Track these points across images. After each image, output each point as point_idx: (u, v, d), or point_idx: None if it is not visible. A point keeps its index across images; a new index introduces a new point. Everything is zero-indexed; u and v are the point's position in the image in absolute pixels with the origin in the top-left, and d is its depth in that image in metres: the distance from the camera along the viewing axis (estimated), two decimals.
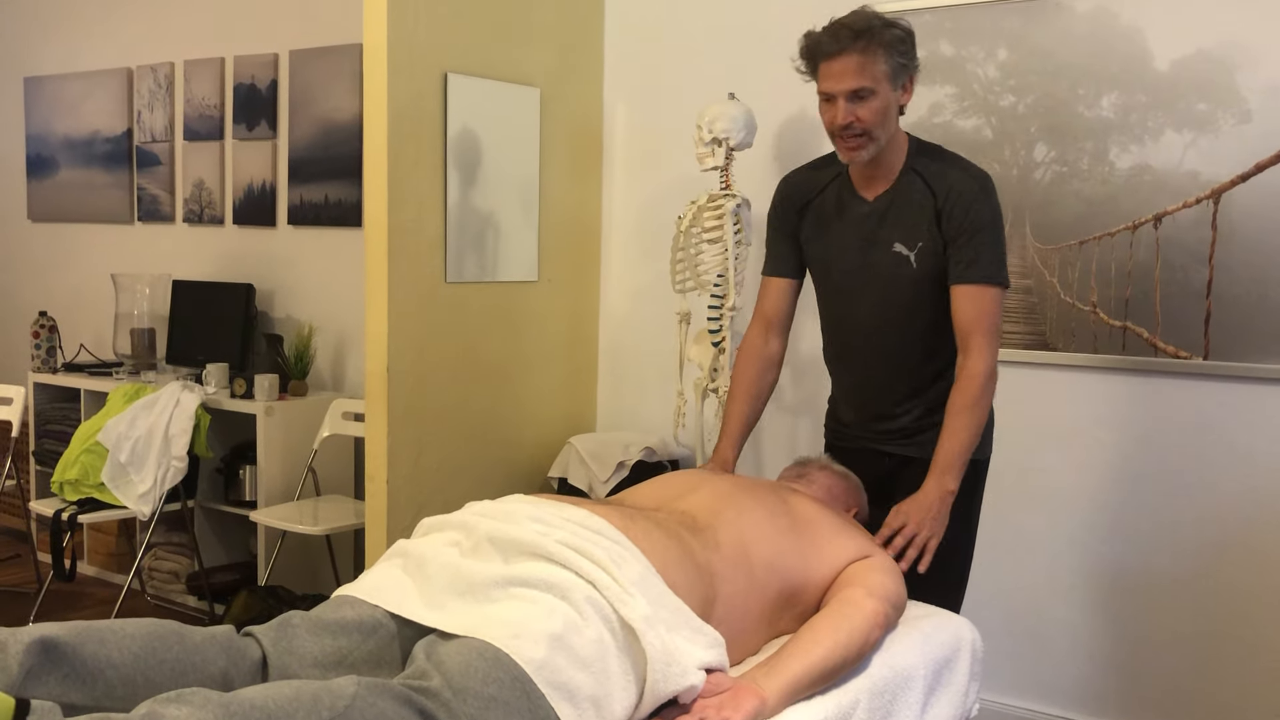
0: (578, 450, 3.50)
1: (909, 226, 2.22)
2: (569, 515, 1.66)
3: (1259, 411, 2.73)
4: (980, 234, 2.16)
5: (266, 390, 3.91)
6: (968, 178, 2.20)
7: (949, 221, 2.17)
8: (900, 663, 1.82)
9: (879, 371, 2.34)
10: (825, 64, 2.12)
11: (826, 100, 2.16)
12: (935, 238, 2.20)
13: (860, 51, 2.08)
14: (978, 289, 2.16)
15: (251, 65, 4.35)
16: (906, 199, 2.23)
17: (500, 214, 3.41)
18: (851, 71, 2.09)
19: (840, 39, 2.09)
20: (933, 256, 2.21)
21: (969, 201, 2.17)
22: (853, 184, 2.32)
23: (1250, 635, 2.78)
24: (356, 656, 1.53)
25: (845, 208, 2.32)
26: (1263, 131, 2.67)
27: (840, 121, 2.13)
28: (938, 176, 2.21)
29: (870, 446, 2.39)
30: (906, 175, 2.25)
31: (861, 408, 2.40)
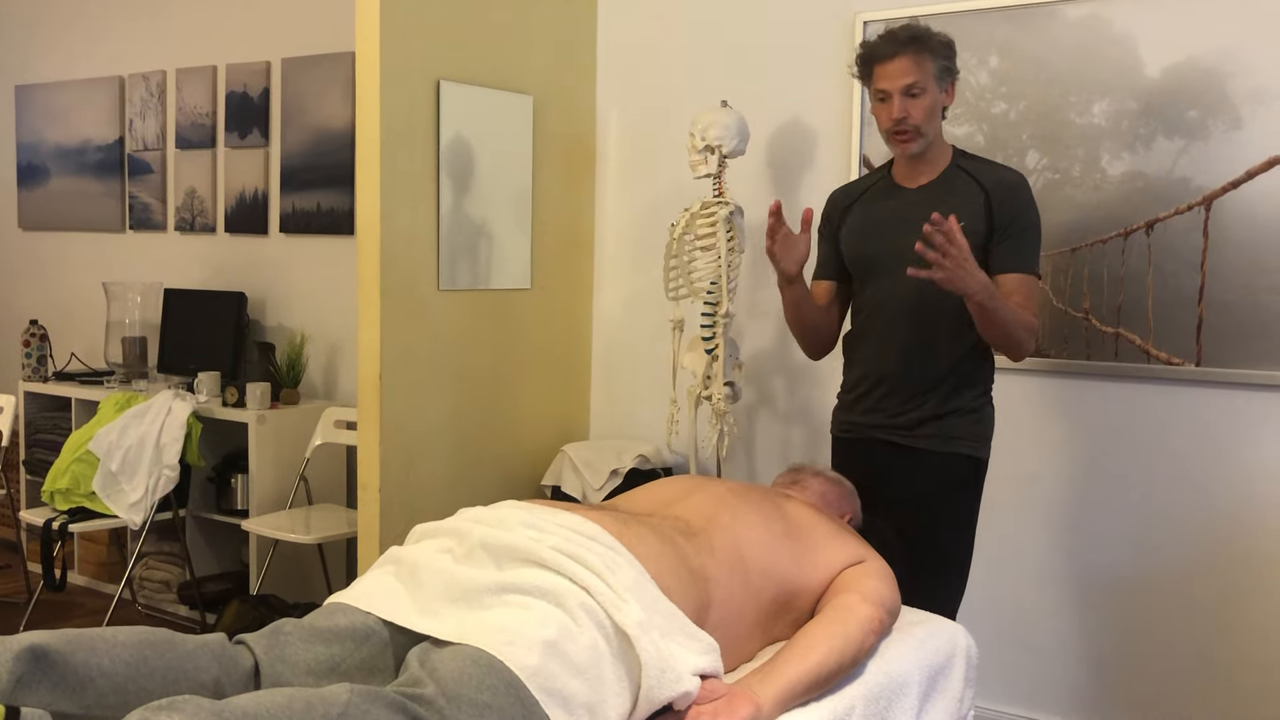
0: (571, 458, 3.49)
1: (954, 207, 2.35)
2: (563, 521, 1.65)
3: (1251, 418, 2.74)
4: (1031, 229, 2.38)
5: (258, 399, 3.90)
6: (1015, 175, 2.42)
7: (1002, 210, 2.35)
8: (895, 669, 1.81)
9: (902, 353, 2.42)
10: (881, 66, 2.35)
11: (881, 100, 2.37)
12: (981, 220, 2.35)
13: (913, 54, 2.33)
14: (1026, 278, 2.36)
15: (244, 73, 4.35)
16: (951, 187, 2.42)
17: (493, 221, 3.41)
18: (905, 71, 2.33)
19: (895, 43, 2.34)
20: (973, 237, 2.31)
21: (1020, 195, 2.37)
22: (895, 180, 2.50)
23: (1244, 641, 2.78)
24: (349, 664, 1.52)
25: (887, 199, 2.50)
26: (1253, 139, 2.68)
27: (896, 115, 2.34)
28: (983, 173, 2.41)
29: (876, 437, 2.46)
30: (951, 170, 2.44)
31: (877, 395, 2.47)
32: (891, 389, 2.45)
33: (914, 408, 2.42)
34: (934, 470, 2.40)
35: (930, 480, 2.40)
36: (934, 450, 2.40)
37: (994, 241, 2.36)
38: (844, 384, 2.62)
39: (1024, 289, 2.34)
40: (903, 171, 2.49)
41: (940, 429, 2.40)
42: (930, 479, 2.40)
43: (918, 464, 2.40)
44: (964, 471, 2.43)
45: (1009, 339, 2.31)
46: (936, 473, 2.40)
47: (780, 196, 3.41)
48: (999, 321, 2.26)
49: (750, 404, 3.51)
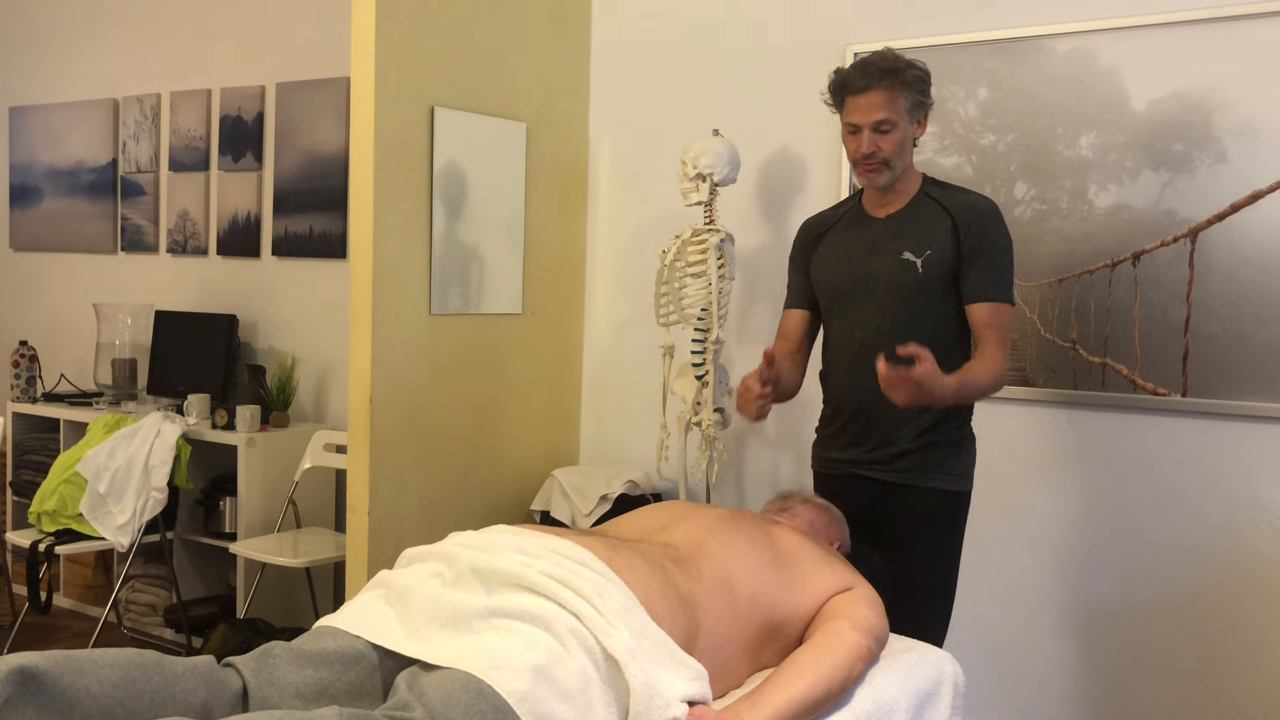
0: (560, 483, 3.49)
1: (920, 236, 2.38)
2: (552, 546, 1.66)
3: (1237, 448, 2.76)
4: (1002, 255, 2.36)
5: (248, 421, 3.89)
6: (982, 200, 2.42)
7: (969, 236, 2.34)
8: (882, 696, 1.82)
9: (874, 387, 2.31)
10: (853, 98, 2.34)
11: (851, 131, 2.36)
12: (948, 248, 2.35)
13: (886, 88, 2.31)
14: (998, 306, 2.35)
15: (238, 97, 4.37)
16: (919, 215, 2.42)
17: (485, 246, 3.42)
18: (877, 105, 2.31)
19: (868, 75, 2.31)
20: (941, 265, 2.34)
21: (988, 220, 2.36)
22: (865, 209, 2.51)
23: (1229, 670, 2.79)
24: (338, 688, 1.52)
25: (857, 229, 2.50)
26: (1238, 172, 2.72)
27: (864, 150, 2.33)
28: (951, 198, 2.42)
29: (857, 473, 2.44)
30: (919, 198, 2.44)
31: (853, 431, 2.45)
32: (866, 424, 2.43)
33: (890, 442, 2.40)
34: (913, 506, 2.39)
35: (909, 516, 2.39)
36: (913, 485, 2.39)
37: (963, 268, 2.35)
38: (821, 417, 2.61)
39: (995, 319, 2.34)
40: (872, 201, 2.49)
41: (918, 463, 2.39)
42: (909, 514, 2.39)
43: (897, 499, 2.39)
44: (943, 507, 2.40)
45: (986, 394, 2.35)
46: (915, 508, 2.39)
47: (771, 224, 3.44)
48: (976, 395, 2.31)
49: (740, 430, 3.52)
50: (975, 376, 2.27)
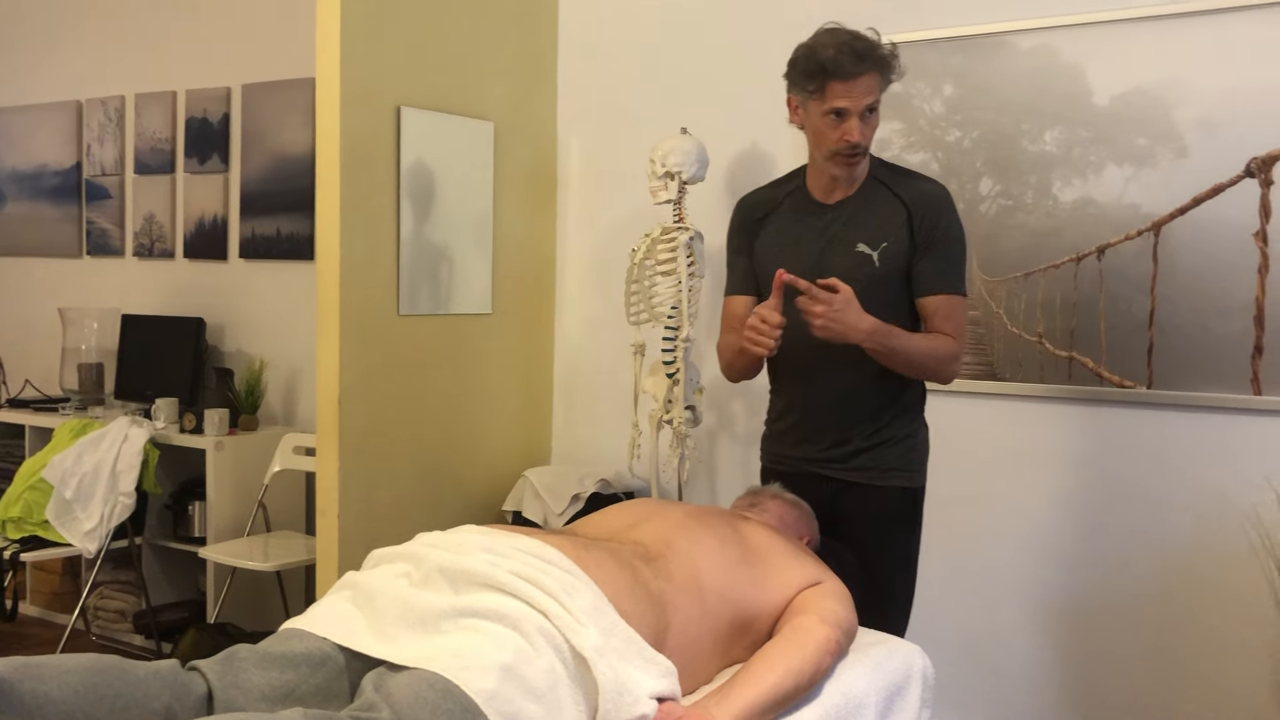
0: (532, 483, 3.49)
1: (874, 227, 2.28)
2: (521, 545, 1.66)
3: (1201, 439, 2.79)
4: (954, 246, 2.29)
5: (216, 425, 3.87)
6: (934, 186, 2.33)
7: (923, 226, 2.26)
8: (852, 690, 1.82)
9: (826, 387, 2.33)
10: (844, 83, 2.18)
11: (836, 116, 2.21)
12: (903, 239, 2.27)
13: (879, 72, 2.21)
14: (951, 298, 2.28)
15: (204, 99, 4.34)
16: (871, 202, 2.31)
17: (454, 246, 3.41)
18: (870, 90, 2.20)
19: (859, 59, 2.18)
20: (897, 257, 2.26)
21: (939, 207, 2.29)
22: (810, 193, 2.37)
23: (1198, 659, 2.81)
24: (304, 690, 1.51)
25: (804, 214, 2.37)
26: (1199, 166, 2.75)
27: (856, 138, 2.20)
28: (904, 185, 2.31)
29: (811, 471, 2.38)
30: (869, 183, 2.32)
31: (806, 424, 2.38)
32: (820, 421, 2.36)
33: (845, 440, 2.34)
34: (869, 505, 2.33)
35: (869, 515, 2.33)
36: (869, 484, 2.33)
37: (915, 259, 2.27)
38: (771, 410, 2.52)
39: (948, 310, 2.27)
40: (820, 184, 2.35)
41: (873, 460, 2.33)
42: (869, 513, 2.33)
43: (853, 498, 2.33)
44: (900, 505, 2.36)
45: (921, 371, 2.28)
46: (872, 507, 2.34)
47: None
48: (902, 359, 2.22)
49: (711, 428, 3.53)
50: (907, 334, 2.21)
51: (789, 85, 2.30)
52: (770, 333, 2.15)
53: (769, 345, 2.16)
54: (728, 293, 2.51)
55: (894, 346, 2.19)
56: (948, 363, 2.26)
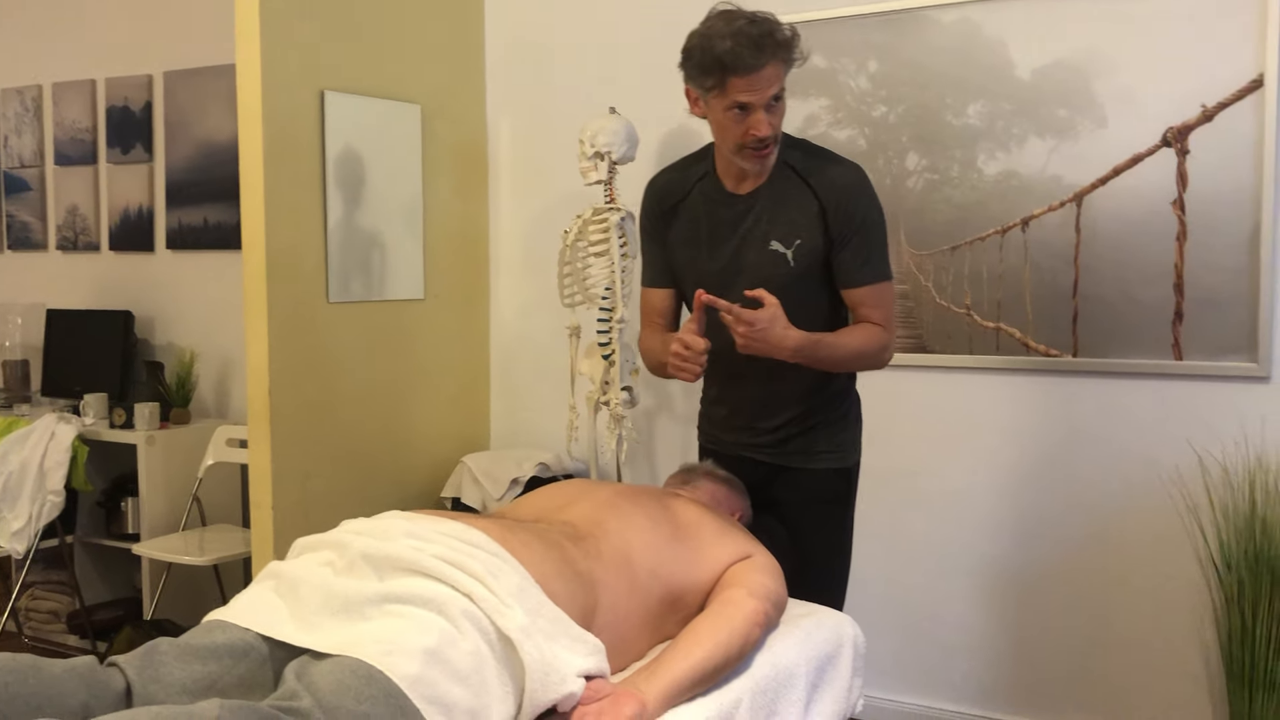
0: (470, 469, 3.47)
1: (787, 223, 2.18)
2: (445, 529, 1.64)
3: (1125, 405, 2.84)
4: (871, 231, 2.18)
5: (147, 419, 3.80)
6: (846, 171, 2.19)
7: (837, 220, 2.15)
8: (782, 661, 1.84)
9: (754, 380, 2.29)
10: (745, 77, 2.03)
11: (742, 110, 2.07)
12: (817, 235, 2.16)
13: (782, 61, 2.07)
14: (875, 287, 2.20)
15: (124, 87, 4.24)
16: (783, 194, 2.19)
17: (385, 232, 3.37)
18: (774, 79, 2.06)
19: (762, 49, 2.02)
20: (812, 255, 2.17)
21: (853, 196, 2.16)
22: (720, 181, 2.24)
23: (1129, 620, 2.88)
24: (227, 681, 1.49)
25: (715, 206, 2.25)
26: (1118, 137, 2.79)
27: (765, 132, 2.07)
28: (815, 172, 2.18)
29: (745, 455, 2.36)
30: (780, 170, 2.19)
31: (736, 415, 2.36)
32: (751, 413, 2.32)
33: (778, 425, 2.30)
34: (804, 487, 2.30)
35: (803, 498, 2.30)
36: (802, 467, 2.30)
37: (834, 251, 2.17)
38: (706, 394, 2.45)
39: (874, 299, 2.19)
40: (730, 173, 2.22)
41: (806, 445, 2.29)
42: (803, 496, 2.31)
43: (787, 481, 2.30)
44: (834, 485, 2.33)
45: (853, 368, 2.26)
46: (806, 490, 2.30)
47: None
48: (832, 364, 2.18)
49: (649, 408, 3.53)
50: (834, 340, 2.15)
51: (685, 77, 2.13)
52: (696, 359, 2.08)
53: (695, 372, 2.10)
54: (645, 284, 2.40)
55: (823, 357, 2.14)
56: (879, 354, 2.21)
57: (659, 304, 2.37)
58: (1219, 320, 2.71)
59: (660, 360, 2.27)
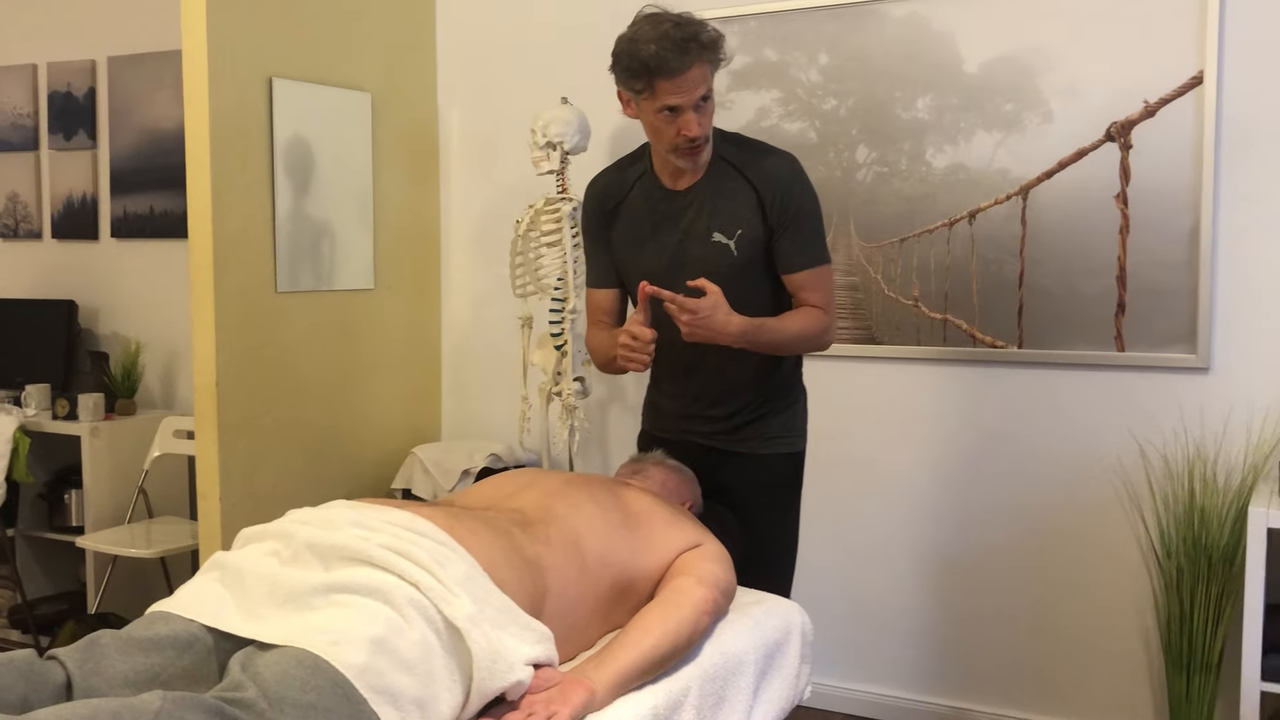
0: (421, 460, 3.46)
1: (727, 215, 2.22)
2: (392, 518, 1.64)
3: (1069, 396, 2.89)
4: (807, 219, 2.23)
5: (91, 410, 3.74)
6: (781, 162, 2.25)
7: (774, 210, 2.21)
8: (731, 649, 1.85)
9: (704, 371, 2.32)
10: (673, 79, 2.08)
11: (671, 111, 2.11)
12: (757, 226, 2.21)
13: (707, 62, 2.11)
14: (815, 271, 2.25)
15: (67, 72, 4.16)
16: (721, 188, 2.23)
17: (334, 221, 3.34)
18: (699, 81, 2.10)
19: (686, 51, 2.07)
20: (754, 244, 2.22)
21: (788, 186, 2.21)
22: (659, 179, 2.29)
23: (1071, 606, 2.93)
24: (170, 673, 1.47)
25: (655, 203, 2.29)
26: (1063, 131, 2.83)
27: (695, 132, 2.11)
28: (750, 165, 2.23)
29: (694, 440, 2.38)
30: (716, 164, 2.24)
31: (690, 405, 2.38)
32: (702, 403, 2.35)
33: (730, 413, 2.33)
34: (755, 472, 2.34)
35: (752, 482, 2.34)
36: (752, 453, 2.34)
37: (774, 239, 2.22)
38: (655, 387, 2.48)
39: (815, 282, 2.24)
40: (668, 171, 2.26)
41: (758, 431, 2.33)
42: (752, 481, 2.34)
43: (738, 467, 2.34)
44: (784, 470, 2.37)
45: (796, 351, 2.30)
46: (758, 475, 2.34)
47: None
48: (775, 348, 2.23)
49: (601, 399, 3.53)
50: (776, 324, 2.20)
51: (616, 80, 2.18)
52: (644, 349, 2.12)
53: (644, 361, 2.14)
54: (589, 284, 2.44)
55: (766, 341, 2.18)
56: (821, 335, 2.27)
57: (604, 303, 2.41)
58: (1160, 313, 2.76)
59: (608, 355, 2.31)
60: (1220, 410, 2.74)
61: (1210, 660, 2.66)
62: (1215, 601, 2.66)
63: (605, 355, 2.34)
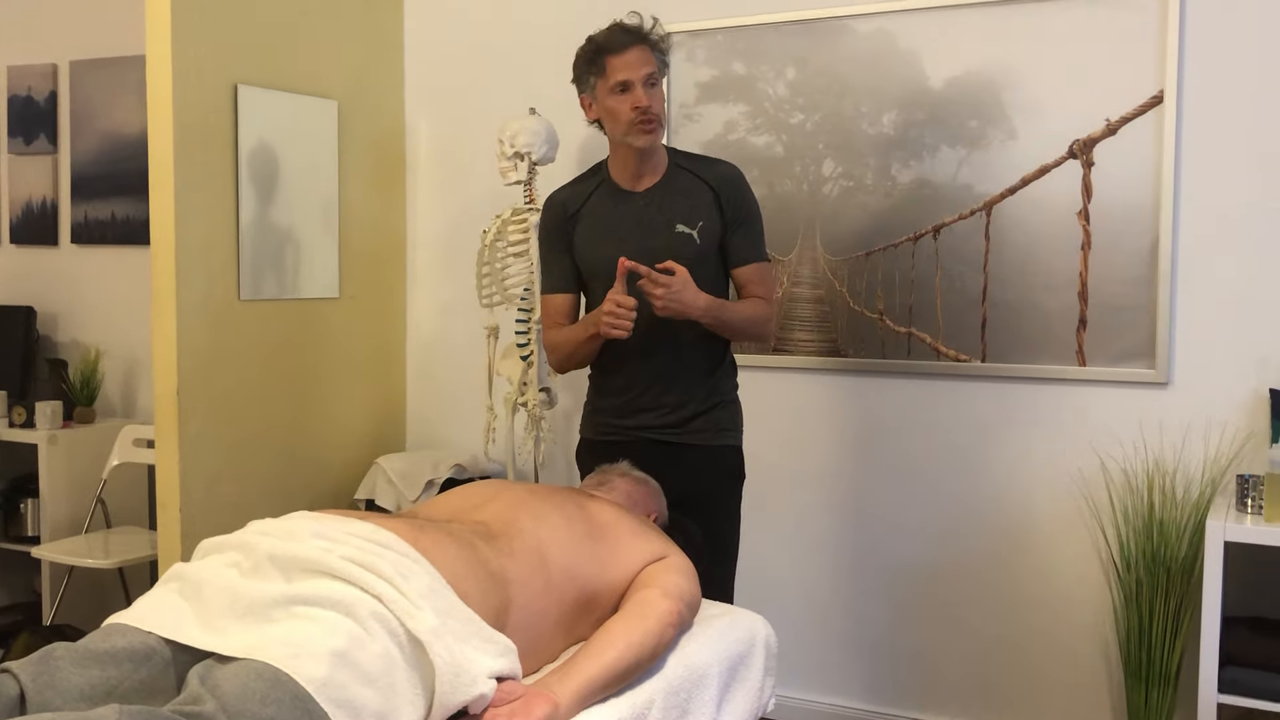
0: (385, 470, 3.43)
1: (687, 207, 2.42)
2: (354, 530, 1.62)
3: (1031, 409, 2.92)
4: (756, 219, 2.49)
5: (49, 418, 3.69)
6: (731, 167, 2.50)
7: (730, 206, 2.44)
8: (695, 661, 1.85)
9: (661, 355, 2.43)
10: (618, 57, 2.35)
11: (622, 90, 2.36)
12: (715, 219, 2.43)
13: (650, 46, 2.39)
14: (761, 266, 2.49)
15: (28, 76, 4.12)
16: (678, 184, 2.45)
17: (299, 229, 3.32)
18: (645, 60, 2.37)
19: (630, 34, 2.38)
20: (712, 236, 2.43)
21: (742, 187, 2.47)
22: (617, 184, 2.48)
23: (1032, 617, 2.95)
24: (127, 687, 1.45)
25: (617, 204, 2.47)
26: (1026, 147, 2.87)
27: (645, 102, 2.34)
28: (704, 168, 2.48)
29: (644, 438, 2.47)
30: (671, 169, 2.47)
31: (643, 395, 2.46)
32: (657, 391, 2.45)
33: (681, 405, 2.45)
34: (707, 464, 2.46)
35: (704, 474, 2.45)
36: (704, 445, 2.45)
37: (727, 235, 2.44)
38: (602, 388, 2.55)
39: (760, 276, 2.47)
40: (625, 175, 2.46)
41: (708, 423, 2.46)
42: (704, 473, 2.45)
43: (689, 460, 2.44)
44: (733, 461, 2.51)
45: (746, 335, 2.49)
46: (710, 466, 2.46)
47: None
48: (731, 328, 2.42)
49: (567, 409, 3.52)
50: (735, 306, 2.43)
51: (577, 85, 2.45)
52: (628, 315, 2.28)
53: (628, 327, 2.29)
54: (546, 291, 2.56)
55: (725, 319, 2.39)
56: (766, 324, 2.49)
57: (562, 307, 2.55)
58: (1120, 328, 2.79)
59: (574, 343, 2.46)
60: (1179, 424, 2.77)
61: (1168, 672, 2.69)
62: (1174, 614, 2.69)
63: (569, 346, 2.49)
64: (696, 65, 3.22)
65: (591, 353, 2.47)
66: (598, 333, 2.34)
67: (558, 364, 2.56)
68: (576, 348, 2.47)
